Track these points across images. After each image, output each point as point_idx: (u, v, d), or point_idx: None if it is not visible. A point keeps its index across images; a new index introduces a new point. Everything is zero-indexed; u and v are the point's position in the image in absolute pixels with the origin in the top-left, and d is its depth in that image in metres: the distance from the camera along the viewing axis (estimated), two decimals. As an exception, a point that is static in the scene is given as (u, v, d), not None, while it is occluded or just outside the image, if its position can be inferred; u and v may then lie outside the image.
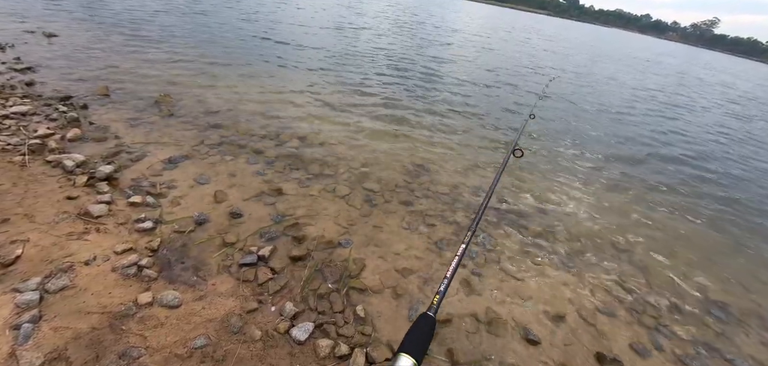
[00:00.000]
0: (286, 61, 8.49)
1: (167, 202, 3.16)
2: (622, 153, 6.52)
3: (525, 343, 2.50)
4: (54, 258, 2.39)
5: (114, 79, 5.71)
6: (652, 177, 5.72)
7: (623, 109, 9.85)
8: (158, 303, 2.22)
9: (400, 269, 2.92)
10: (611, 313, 2.93)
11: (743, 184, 6.08)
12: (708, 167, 6.59)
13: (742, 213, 5.05)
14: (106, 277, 2.34)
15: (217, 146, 4.25)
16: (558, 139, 6.67)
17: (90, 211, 2.82)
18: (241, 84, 6.55)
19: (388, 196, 3.90)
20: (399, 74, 9.15)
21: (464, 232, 3.48)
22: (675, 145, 7.47)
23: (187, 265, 2.56)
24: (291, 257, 2.78)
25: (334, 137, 5.07)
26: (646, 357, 2.59)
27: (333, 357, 2.12)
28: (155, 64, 6.81)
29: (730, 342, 2.89)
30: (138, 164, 3.63)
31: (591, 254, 3.60)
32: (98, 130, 4.10)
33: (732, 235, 4.45)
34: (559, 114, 8.28)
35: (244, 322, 2.21)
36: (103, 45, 7.32)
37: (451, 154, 5.20)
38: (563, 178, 5.12)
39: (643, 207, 4.73)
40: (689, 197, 5.27)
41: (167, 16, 10.92)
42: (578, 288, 3.12)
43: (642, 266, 3.58)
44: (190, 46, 8.39)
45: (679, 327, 2.93)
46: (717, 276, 3.64)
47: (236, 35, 10.19)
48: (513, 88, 9.91)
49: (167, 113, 4.85)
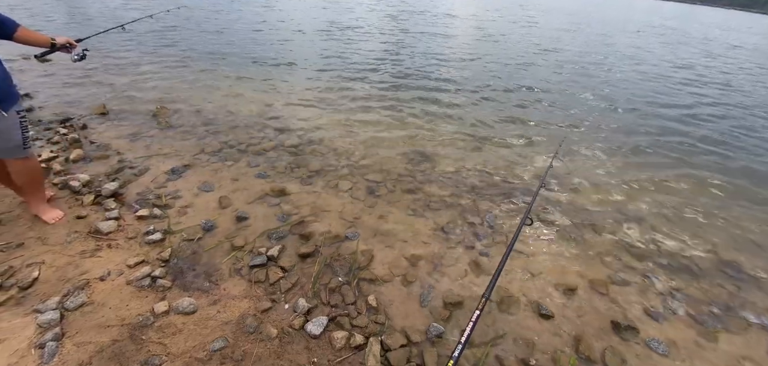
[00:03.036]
0: (278, 63, 8.49)
1: (174, 213, 3.21)
2: (625, 120, 6.50)
3: (538, 317, 2.54)
4: (70, 277, 2.45)
5: (110, 96, 5.75)
6: (655, 142, 5.71)
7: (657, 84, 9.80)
8: (174, 311, 2.28)
9: (408, 256, 2.97)
10: (623, 281, 2.95)
11: (753, 143, 6.07)
12: (710, 128, 6.57)
13: (752, 172, 5.01)
14: (122, 290, 2.40)
15: (218, 153, 4.30)
16: (563, 106, 6.66)
17: (100, 229, 2.87)
18: (235, 89, 6.58)
19: (390, 185, 3.94)
20: (393, 65, 9.13)
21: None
22: (679, 108, 7.45)
23: (199, 272, 2.62)
24: (300, 255, 2.83)
25: (333, 132, 5.10)
26: (661, 321, 2.61)
27: (349, 347, 2.18)
28: (149, 77, 6.84)
29: (744, 300, 2.89)
30: (142, 178, 3.68)
31: (599, 224, 3.62)
32: (100, 149, 4.14)
33: (742, 194, 4.43)
34: (570, 95, 8.26)
35: (259, 322, 2.27)
36: (97, 63, 7.34)
37: (451, 138, 5.23)
38: (566, 148, 5.13)
39: (650, 173, 4.71)
40: (695, 160, 5.25)
41: (154, 27, 10.89)
42: (588, 259, 3.15)
43: (651, 232, 3.59)
44: (181, 56, 8.39)
45: (692, 289, 2.94)
46: (729, 235, 3.64)
47: (225, 41, 10.17)
48: (508, 67, 9.88)
49: (166, 125, 4.89)
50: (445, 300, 2.58)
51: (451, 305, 2.55)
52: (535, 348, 2.33)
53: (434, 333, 2.32)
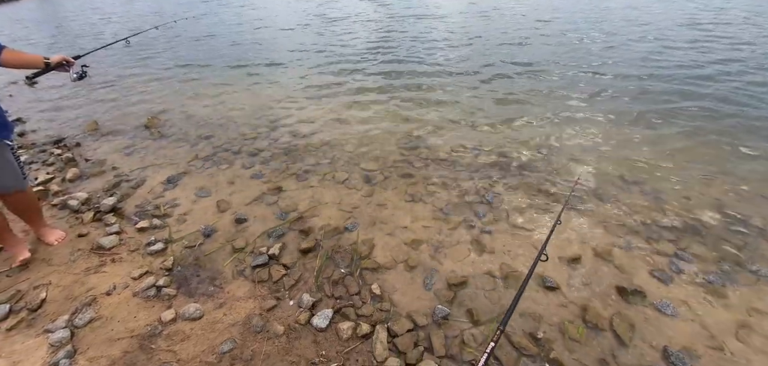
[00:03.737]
0: (264, 63, 8.42)
1: (173, 221, 3.22)
2: (623, 85, 6.42)
3: (544, 290, 2.54)
4: (77, 295, 2.47)
5: (101, 111, 5.74)
6: (653, 102, 5.64)
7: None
8: (181, 317, 2.30)
9: (409, 242, 2.97)
10: (627, 246, 2.93)
11: (752, 94, 5.99)
12: (711, 87, 6.49)
13: (753, 123, 4.93)
14: (129, 302, 2.42)
15: (212, 157, 4.29)
16: (557, 77, 6.60)
17: (102, 244, 2.89)
18: (223, 92, 6.55)
19: (387, 172, 3.93)
20: (381, 53, 9.03)
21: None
22: (673, 68, 7.36)
23: (203, 277, 2.63)
24: (301, 250, 2.84)
25: (325, 125, 5.09)
26: (668, 283, 2.59)
27: (356, 337, 2.19)
28: (137, 88, 6.81)
29: (753, 254, 2.85)
30: (139, 190, 3.68)
31: (601, 191, 3.59)
32: (95, 166, 4.14)
33: (744, 147, 4.36)
34: (559, 62, 8.18)
35: (265, 321, 2.28)
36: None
37: (444, 120, 5.19)
38: (561, 117, 5.10)
39: (649, 134, 4.64)
40: (694, 116, 5.17)
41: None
42: (591, 227, 3.13)
43: (654, 194, 3.54)
44: (166, 66, 8.36)
45: (699, 248, 2.91)
46: (734, 190, 3.57)
47: (209, 46, 10.10)
48: (500, 44, 9.78)
49: (158, 135, 4.88)
50: (449, 281, 2.59)
51: (455, 286, 2.55)
52: (542, 320, 2.33)
53: (440, 315, 2.33)
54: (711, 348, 2.15)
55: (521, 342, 2.17)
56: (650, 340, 2.20)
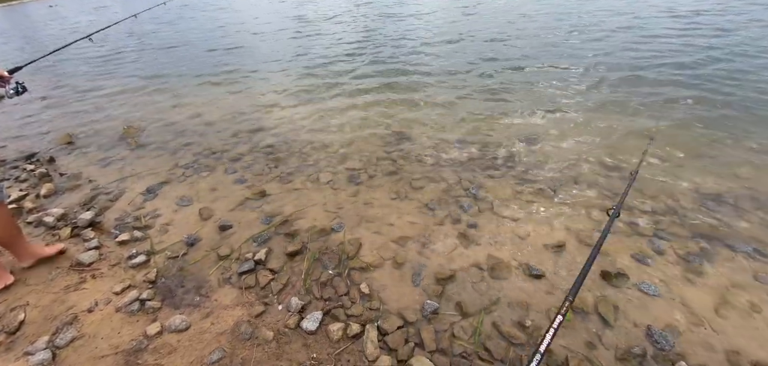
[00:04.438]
0: (243, 66, 8.31)
1: (155, 232, 3.16)
2: (602, 75, 6.52)
3: (530, 279, 2.58)
4: (57, 314, 2.40)
5: (75, 123, 5.57)
6: (631, 90, 5.74)
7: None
8: (167, 330, 2.25)
9: (396, 239, 2.97)
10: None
11: (717, 75, 6.18)
12: (681, 67, 6.67)
13: (720, 104, 5.08)
14: (112, 318, 2.36)
15: (192, 165, 4.22)
16: (538, 70, 6.69)
17: (81, 260, 2.81)
18: (202, 98, 6.44)
19: (371, 170, 3.92)
20: (362, 53, 9.00)
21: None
22: (652, 57, 7.53)
23: (188, 288, 2.58)
24: (287, 254, 2.81)
25: (307, 126, 5.05)
26: (649, 264, 2.66)
27: (346, 338, 2.18)
28: (113, 98, 6.64)
29: (729, 230, 2.94)
30: (118, 202, 3.59)
31: (582, 178, 3.65)
32: (71, 180, 4.02)
33: (716, 127, 4.45)
34: (535, 44, 8.28)
35: (254, 327, 2.25)
36: (56, 91, 7.09)
37: (427, 116, 5.21)
38: (543, 108, 5.17)
39: (627, 119, 4.75)
40: (669, 102, 5.28)
41: (107, 48, 10.55)
42: (574, 214, 3.18)
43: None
44: (142, 72, 8.17)
45: (677, 228, 2.99)
46: (707, 170, 3.67)
47: (185, 52, 9.92)
48: (481, 39, 9.86)
49: (136, 145, 4.77)
50: (437, 276, 2.60)
51: (444, 280, 2.57)
52: (530, 309, 2.37)
53: (430, 310, 2.34)
54: (693, 324, 2.22)
55: (510, 331, 2.20)
56: (634, 321, 2.25)
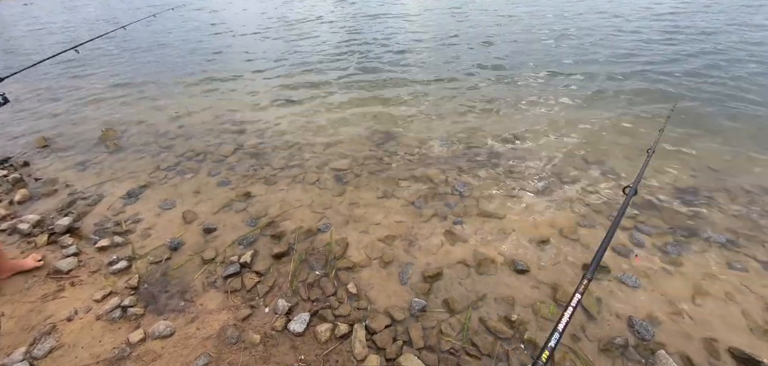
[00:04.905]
0: (226, 67, 8.18)
1: (136, 237, 3.09)
2: (584, 73, 6.64)
3: (515, 274, 2.62)
4: (34, 324, 2.32)
5: (49, 126, 5.40)
6: (612, 88, 5.87)
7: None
8: (151, 337, 2.21)
9: (383, 238, 2.97)
10: (591, 224, 3.06)
11: (691, 72, 6.36)
12: (660, 64, 6.84)
13: (697, 102, 5.23)
14: (92, 327, 2.29)
15: (175, 167, 4.13)
16: (515, 70, 6.77)
17: (59, 268, 2.72)
18: (184, 100, 6.32)
19: (357, 170, 3.91)
20: (347, 53, 8.96)
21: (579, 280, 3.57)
22: (628, 46, 7.70)
23: (172, 293, 2.53)
24: (274, 256, 2.79)
25: (292, 127, 5.01)
26: (629, 256, 2.74)
27: (334, 338, 2.18)
28: (91, 100, 6.46)
29: (704, 221, 3.05)
30: (97, 207, 3.50)
31: (565, 173, 3.73)
32: (46, 185, 3.90)
33: (690, 124, 4.59)
34: (518, 43, 8.38)
35: (240, 331, 2.23)
36: (30, 94, 6.86)
37: (413, 115, 5.23)
38: (527, 107, 5.24)
39: (608, 118, 4.84)
40: (648, 99, 5.42)
41: (88, 50, 10.26)
42: (557, 209, 3.25)
43: (614, 172, 3.71)
44: (121, 75, 7.97)
45: (656, 220, 3.08)
46: (684, 164, 3.79)
47: (166, 54, 9.69)
48: (463, 41, 9.93)
49: (115, 147, 4.65)
50: (424, 274, 2.61)
51: (431, 278, 2.58)
52: (516, 303, 2.40)
53: (417, 308, 2.35)
54: (672, 314, 2.29)
55: (497, 326, 2.23)
56: (616, 312, 2.31)
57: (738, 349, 2.06)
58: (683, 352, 2.07)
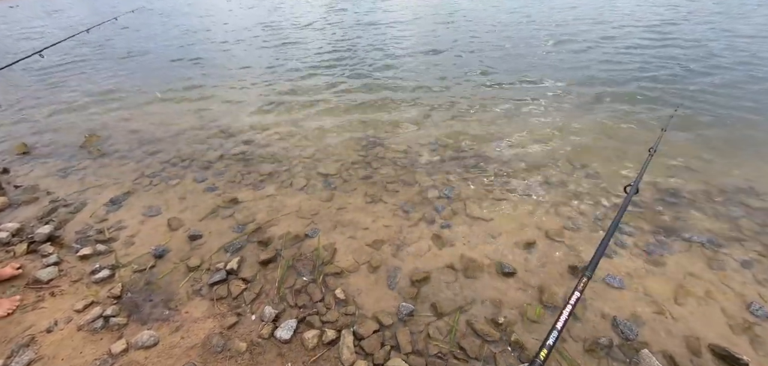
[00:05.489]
0: (211, 74, 8.09)
1: (120, 245, 3.03)
2: (569, 77, 6.73)
3: (502, 277, 2.63)
4: (12, 336, 2.26)
5: (30, 132, 5.28)
6: (592, 89, 5.97)
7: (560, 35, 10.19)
8: (134, 347, 2.16)
9: (371, 242, 2.97)
10: (576, 226, 3.10)
11: (673, 74, 6.51)
12: (645, 69, 6.99)
13: (677, 103, 5.33)
14: (73, 338, 2.24)
15: (160, 173, 4.08)
16: (499, 76, 6.84)
17: (39, 278, 2.66)
18: (169, 105, 6.24)
19: (345, 175, 3.90)
20: (333, 60, 8.93)
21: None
22: (607, 50, 7.85)
23: (156, 301, 2.49)
24: (260, 262, 2.76)
25: (280, 132, 4.98)
26: (613, 257, 2.77)
27: (322, 345, 2.16)
28: (74, 105, 6.33)
29: (685, 222, 3.11)
30: (79, 215, 3.43)
31: (550, 177, 3.77)
32: (27, 192, 3.81)
33: (672, 126, 4.67)
34: (508, 52, 8.47)
35: (226, 339, 2.20)
36: (7, 98, 6.70)
37: (401, 120, 5.24)
38: (515, 113, 5.29)
39: (590, 121, 4.92)
40: (630, 101, 5.53)
41: (69, 54, 10.09)
42: (543, 212, 3.28)
43: (597, 176, 3.76)
44: (105, 80, 7.85)
45: (638, 221, 3.13)
46: (665, 166, 3.86)
47: (151, 60, 9.57)
48: (450, 49, 10.01)
49: (98, 153, 4.56)
50: (412, 278, 2.62)
51: (419, 282, 2.59)
52: (503, 306, 2.42)
53: (405, 312, 2.35)
54: (655, 313, 2.33)
55: (484, 329, 2.24)
56: (601, 312, 2.34)
57: (718, 345, 2.10)
58: (666, 351, 2.11)
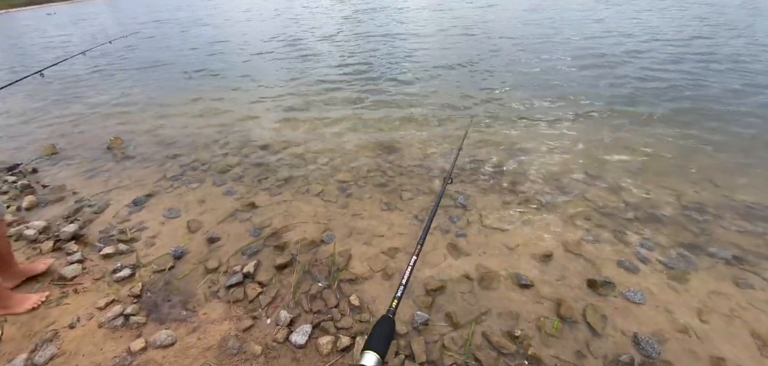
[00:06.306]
0: (231, 79, 8.29)
1: (141, 245, 3.10)
2: (584, 86, 6.67)
3: (519, 289, 2.59)
4: (36, 331, 2.33)
5: (59, 134, 5.48)
6: (610, 101, 5.89)
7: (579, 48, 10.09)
8: (152, 346, 2.20)
9: (386, 250, 2.97)
10: (595, 239, 3.03)
11: (693, 89, 6.36)
12: (662, 77, 6.85)
13: (698, 117, 5.21)
14: (94, 334, 2.30)
15: (180, 176, 4.17)
16: (516, 87, 6.80)
17: (63, 275, 2.74)
18: (190, 110, 6.40)
19: (361, 182, 3.92)
20: (349, 67, 9.04)
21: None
22: (627, 63, 7.72)
23: (174, 302, 2.53)
24: (276, 267, 2.78)
25: (297, 138, 5.04)
26: (634, 272, 2.70)
27: (336, 351, 2.16)
28: (99, 109, 6.55)
29: (710, 237, 3.02)
30: (103, 215, 3.52)
31: (567, 188, 3.70)
32: (54, 192, 3.94)
33: (693, 139, 4.58)
34: (512, 67, 8.43)
35: (241, 341, 2.22)
36: (40, 102, 6.97)
37: (416, 127, 5.25)
38: (531, 124, 5.25)
39: (608, 131, 4.85)
40: (648, 111, 5.43)
41: (100, 60, 10.44)
42: (560, 224, 3.22)
43: (617, 187, 3.68)
44: (130, 86, 8.10)
45: (661, 236, 3.04)
46: (688, 179, 3.76)
47: (172, 65, 9.87)
48: (466, 58, 10.00)
49: (122, 156, 4.70)
50: (427, 287, 2.60)
51: (434, 291, 2.57)
52: (520, 318, 2.37)
53: (420, 321, 2.34)
54: (677, 331, 2.25)
55: (500, 341, 2.20)
56: (621, 329, 2.28)
57: (746, 369, 2.02)
58: (690, 372, 2.04)
